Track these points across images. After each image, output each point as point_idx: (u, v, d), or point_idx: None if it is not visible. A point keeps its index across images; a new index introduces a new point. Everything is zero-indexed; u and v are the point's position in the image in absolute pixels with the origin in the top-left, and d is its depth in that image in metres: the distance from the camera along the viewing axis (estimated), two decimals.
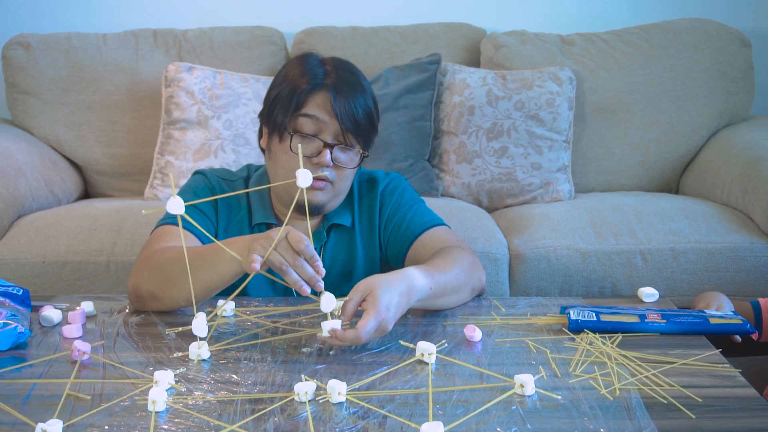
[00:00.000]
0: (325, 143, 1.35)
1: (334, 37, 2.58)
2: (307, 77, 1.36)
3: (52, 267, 1.94)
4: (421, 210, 1.49)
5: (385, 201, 1.49)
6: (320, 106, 1.35)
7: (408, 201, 1.50)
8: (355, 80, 1.38)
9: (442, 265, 1.30)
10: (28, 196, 2.17)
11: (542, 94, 2.36)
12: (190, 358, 1.13)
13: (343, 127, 1.34)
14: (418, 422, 0.90)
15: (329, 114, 1.34)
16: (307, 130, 1.35)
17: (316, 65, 1.38)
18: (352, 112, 1.34)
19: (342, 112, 1.34)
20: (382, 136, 2.32)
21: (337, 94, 1.34)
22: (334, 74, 1.37)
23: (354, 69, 1.42)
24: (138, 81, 2.49)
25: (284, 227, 1.14)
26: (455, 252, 1.36)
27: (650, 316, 1.22)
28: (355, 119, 1.35)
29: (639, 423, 0.92)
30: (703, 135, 2.51)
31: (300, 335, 1.21)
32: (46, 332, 1.25)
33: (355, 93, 1.36)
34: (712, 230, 2.00)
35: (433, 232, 1.44)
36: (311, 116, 1.35)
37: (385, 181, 1.51)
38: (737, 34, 2.55)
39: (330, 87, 1.35)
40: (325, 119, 1.34)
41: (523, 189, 2.33)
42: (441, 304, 1.31)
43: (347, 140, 1.36)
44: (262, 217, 1.45)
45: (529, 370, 1.06)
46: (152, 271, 1.30)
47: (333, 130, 1.35)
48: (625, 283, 1.97)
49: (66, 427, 0.92)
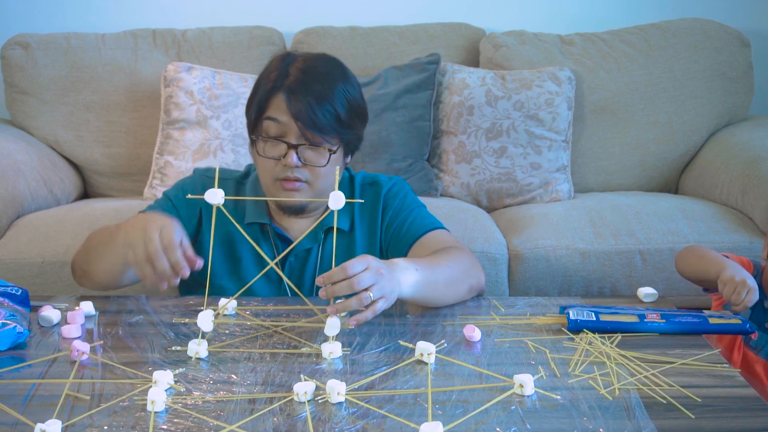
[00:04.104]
0: (289, 145, 1.35)
1: (333, 37, 2.58)
2: (268, 80, 1.37)
3: (51, 267, 1.94)
4: (421, 214, 1.50)
5: (388, 204, 1.50)
6: (279, 108, 1.35)
7: (410, 205, 1.50)
8: (318, 77, 1.36)
9: (434, 258, 1.33)
10: (27, 196, 2.17)
11: (541, 94, 2.36)
12: (188, 355, 1.13)
13: (301, 127, 1.34)
14: (418, 422, 0.90)
15: (288, 115, 1.34)
16: (272, 133, 1.36)
17: (283, 67, 1.38)
18: (309, 111, 1.33)
19: (298, 112, 1.33)
20: (381, 135, 2.33)
21: (292, 94, 1.34)
22: (295, 74, 1.36)
23: (322, 65, 1.40)
24: (137, 81, 2.49)
25: (157, 221, 1.18)
26: (451, 250, 1.38)
27: (649, 316, 1.22)
28: (313, 118, 1.33)
29: (638, 423, 0.92)
30: (702, 135, 2.51)
31: (299, 335, 1.21)
32: (45, 332, 1.25)
33: (313, 91, 1.34)
34: (711, 230, 2.00)
35: (433, 235, 1.45)
36: (273, 119, 1.36)
37: (389, 185, 1.51)
38: (736, 34, 2.55)
39: (285, 88, 1.35)
40: (285, 120, 1.35)
41: (522, 189, 2.33)
42: (437, 296, 1.31)
43: (312, 139, 1.35)
44: (255, 216, 1.45)
45: (528, 370, 1.06)
46: (84, 247, 1.40)
47: (295, 131, 1.35)
48: (625, 283, 1.97)
49: (65, 427, 0.92)
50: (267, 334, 1.23)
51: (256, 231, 1.46)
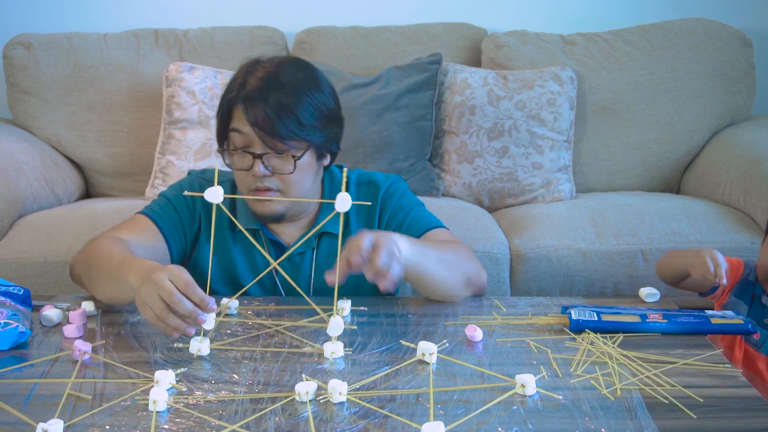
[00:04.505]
0: (254, 155, 1.33)
1: (335, 37, 2.58)
2: (230, 91, 1.36)
3: (53, 267, 1.94)
4: (420, 213, 1.49)
5: (386, 204, 1.48)
6: (240, 118, 1.33)
7: (408, 204, 1.49)
8: (275, 83, 1.33)
9: (431, 242, 1.34)
10: (29, 196, 2.17)
11: (543, 94, 2.36)
12: (190, 352, 1.13)
13: (261, 135, 1.31)
14: (419, 422, 0.90)
15: (247, 125, 1.32)
16: (238, 144, 1.35)
17: (243, 76, 1.36)
18: (266, 118, 1.30)
19: (255, 121, 1.31)
20: (383, 135, 2.33)
21: (249, 103, 1.31)
22: (253, 83, 1.33)
23: (284, 71, 1.35)
24: (139, 81, 2.49)
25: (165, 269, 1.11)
26: (455, 243, 1.39)
27: (651, 316, 1.22)
28: (272, 125, 1.30)
29: (640, 423, 0.92)
30: (704, 135, 2.51)
31: (301, 335, 1.21)
32: (47, 332, 1.25)
33: (270, 97, 1.31)
34: (713, 230, 2.00)
35: (432, 234, 1.44)
36: (237, 130, 1.34)
37: (386, 185, 1.49)
38: (738, 33, 2.55)
39: (241, 98, 1.33)
40: (247, 131, 1.33)
41: (524, 189, 2.33)
42: (432, 270, 1.29)
43: (275, 147, 1.32)
44: (247, 222, 1.44)
45: (530, 370, 1.06)
46: (85, 261, 1.35)
47: (257, 140, 1.33)
48: (627, 283, 1.97)
49: (67, 426, 0.92)
50: (269, 333, 1.23)
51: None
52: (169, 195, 1.47)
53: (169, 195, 1.47)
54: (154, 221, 1.42)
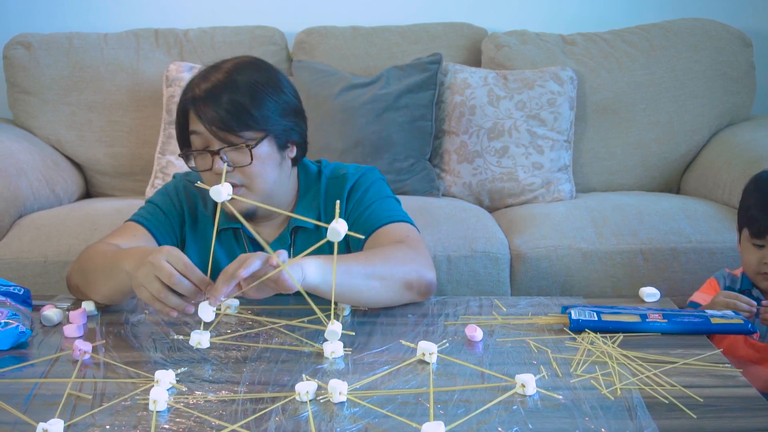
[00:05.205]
0: (211, 152, 1.34)
1: (335, 36, 2.58)
2: (184, 95, 1.38)
3: (53, 267, 1.95)
4: (382, 206, 1.44)
5: (351, 197, 1.45)
6: (194, 120, 1.35)
7: (372, 197, 1.44)
8: (227, 82, 1.34)
9: (359, 253, 1.30)
10: (29, 196, 2.17)
11: (543, 94, 2.36)
12: (190, 344, 1.13)
13: (213, 130, 1.32)
14: (419, 422, 0.90)
15: (200, 124, 1.33)
16: (198, 146, 1.36)
17: (193, 82, 1.38)
18: (215, 112, 1.32)
19: (204, 116, 1.32)
20: (382, 135, 2.33)
21: (198, 103, 1.33)
22: (198, 83, 1.36)
23: (234, 69, 1.37)
24: (139, 81, 2.50)
25: (162, 250, 1.13)
26: (391, 247, 1.33)
27: (651, 316, 1.22)
28: (223, 119, 1.32)
29: (640, 423, 0.92)
30: (704, 135, 2.51)
31: (301, 335, 1.21)
32: (48, 332, 1.25)
33: (214, 91, 1.33)
34: (713, 230, 2.00)
35: (387, 229, 1.39)
36: (194, 132, 1.36)
37: (354, 178, 1.46)
38: (738, 33, 2.55)
39: (191, 100, 1.35)
40: (202, 130, 1.34)
41: (524, 189, 2.33)
42: (361, 288, 1.24)
43: (226, 138, 1.33)
44: (226, 222, 1.44)
45: (530, 369, 1.06)
46: (79, 267, 1.37)
47: (213, 138, 1.33)
48: (627, 282, 1.97)
49: (67, 426, 0.92)
50: (269, 333, 1.23)
51: (229, 236, 1.46)
52: (156, 200, 1.48)
53: (156, 200, 1.48)
54: (144, 226, 1.43)
